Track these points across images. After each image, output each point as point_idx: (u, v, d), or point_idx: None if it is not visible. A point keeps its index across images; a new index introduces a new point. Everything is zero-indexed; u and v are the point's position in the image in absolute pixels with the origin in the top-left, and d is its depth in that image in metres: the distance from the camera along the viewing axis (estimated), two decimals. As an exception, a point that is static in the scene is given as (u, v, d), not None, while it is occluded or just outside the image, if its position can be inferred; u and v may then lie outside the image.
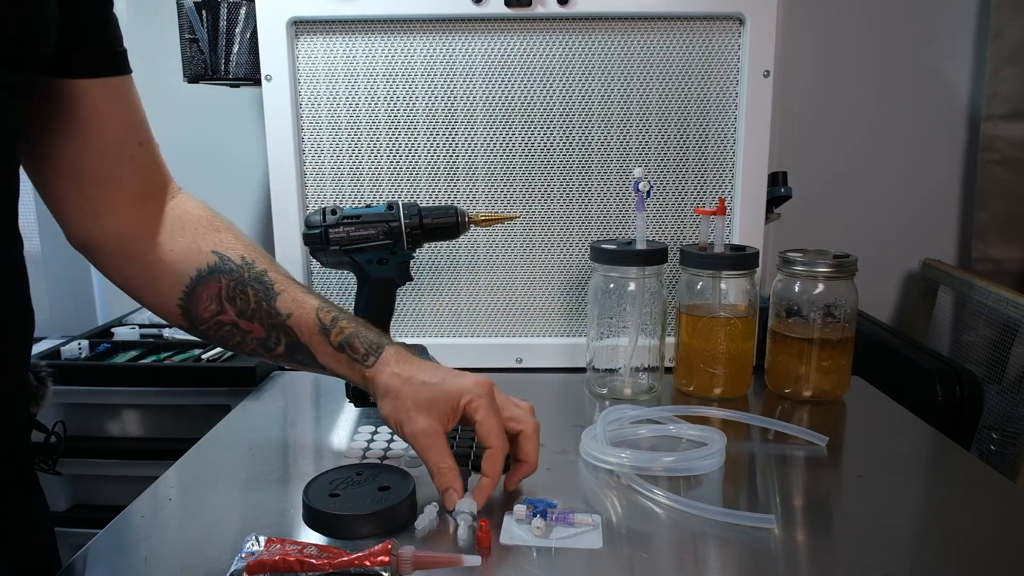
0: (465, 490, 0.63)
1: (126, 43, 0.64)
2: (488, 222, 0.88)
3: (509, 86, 0.99)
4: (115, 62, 0.62)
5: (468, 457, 0.74)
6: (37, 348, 1.11)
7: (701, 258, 0.91)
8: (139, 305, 1.24)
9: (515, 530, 0.61)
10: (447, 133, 1.00)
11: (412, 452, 0.77)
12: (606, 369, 0.94)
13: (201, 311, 0.65)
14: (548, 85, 0.99)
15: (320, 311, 0.66)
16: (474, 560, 0.56)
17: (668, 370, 0.98)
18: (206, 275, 0.65)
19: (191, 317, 0.66)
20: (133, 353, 1.07)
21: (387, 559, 0.54)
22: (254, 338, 0.66)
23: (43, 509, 0.64)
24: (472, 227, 0.87)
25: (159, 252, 0.65)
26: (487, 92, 0.99)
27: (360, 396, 0.90)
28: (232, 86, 1.15)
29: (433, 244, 1.00)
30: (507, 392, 0.93)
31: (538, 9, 0.95)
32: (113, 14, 0.62)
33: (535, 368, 1.04)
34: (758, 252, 0.93)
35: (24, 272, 0.58)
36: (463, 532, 0.60)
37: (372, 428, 0.83)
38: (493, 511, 0.64)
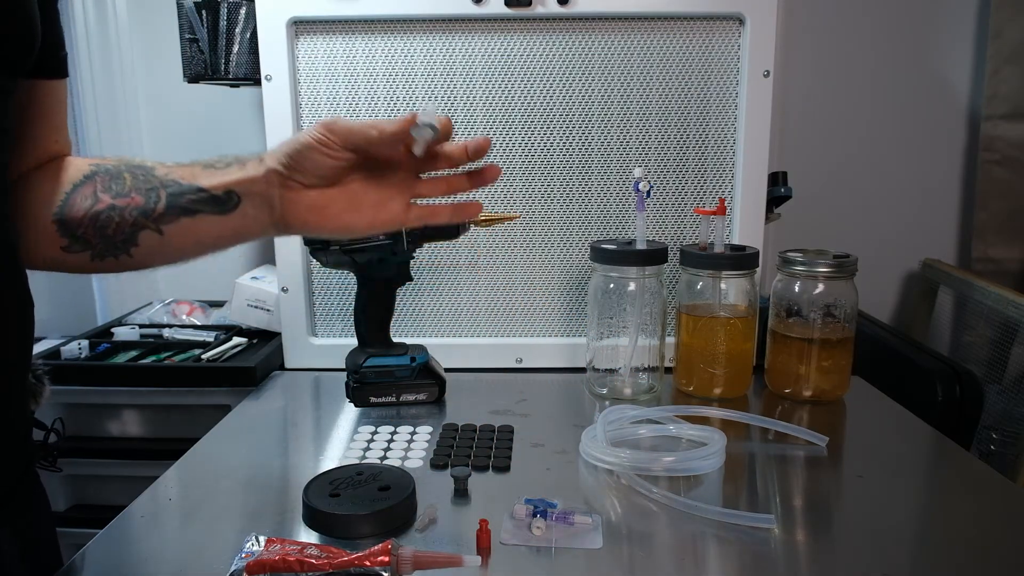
0: None
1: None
2: (488, 222, 0.88)
3: (509, 86, 0.99)
4: (61, 65, 0.62)
5: (468, 457, 0.75)
6: (37, 348, 1.11)
7: (701, 258, 0.91)
8: (139, 305, 1.25)
9: (515, 530, 0.61)
10: (447, 133, 1.00)
11: (412, 453, 0.77)
12: (606, 369, 0.94)
13: (75, 213, 0.60)
14: (548, 85, 0.99)
15: (203, 160, 0.63)
16: (474, 560, 0.56)
17: (668, 370, 0.98)
18: (81, 183, 0.61)
19: (67, 226, 0.61)
20: (133, 353, 1.07)
21: (387, 559, 0.54)
22: (133, 209, 0.60)
23: (46, 508, 0.64)
24: (472, 227, 0.87)
25: (41, 187, 0.62)
26: (487, 92, 0.99)
27: (360, 396, 0.90)
28: (232, 86, 1.15)
29: (433, 244, 1.00)
30: (507, 392, 0.94)
31: (538, 9, 0.95)
32: (59, 19, 0.61)
33: (535, 368, 1.04)
34: (758, 252, 0.93)
35: (22, 269, 0.58)
36: (419, 148, 0.58)
37: (372, 428, 0.84)
38: (493, 511, 0.64)
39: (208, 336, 1.12)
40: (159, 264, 0.64)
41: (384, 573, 0.53)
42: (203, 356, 1.03)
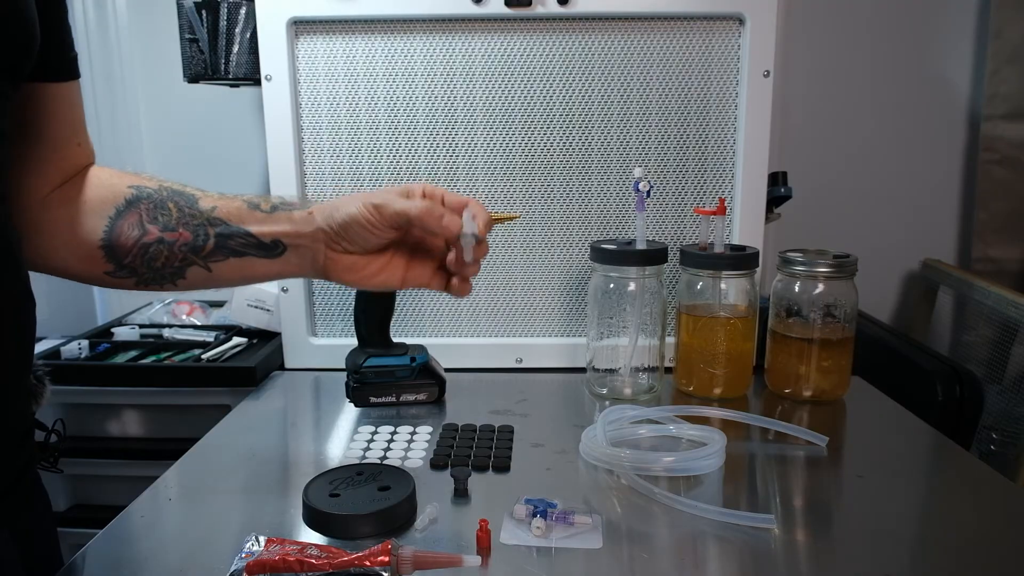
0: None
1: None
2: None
3: (509, 86, 0.99)
4: (71, 66, 0.62)
5: (468, 457, 0.75)
6: (37, 348, 1.10)
7: (701, 258, 0.91)
8: (139, 305, 1.25)
9: (515, 530, 0.61)
10: (447, 133, 1.00)
11: (412, 453, 0.77)
12: (606, 369, 0.94)
13: (124, 242, 0.63)
14: (548, 85, 0.99)
15: (244, 196, 0.66)
16: (474, 560, 0.56)
17: (668, 370, 0.98)
18: (124, 209, 0.63)
19: (115, 254, 0.63)
20: (133, 353, 1.07)
21: (387, 559, 0.54)
22: (182, 244, 0.63)
23: (47, 509, 0.64)
24: (472, 227, 0.87)
25: (78, 205, 0.63)
26: (487, 92, 0.99)
27: (360, 396, 0.90)
28: (232, 86, 1.15)
29: (433, 244, 1.00)
30: (507, 392, 0.94)
31: (538, 9, 0.95)
32: (68, 20, 0.62)
33: (535, 368, 1.04)
34: (758, 252, 0.93)
35: (22, 268, 0.58)
36: (468, 255, 0.65)
37: (372, 428, 0.84)
38: (493, 511, 0.64)
39: (208, 336, 1.12)
40: (203, 289, 0.68)
41: (384, 573, 0.53)
42: (203, 356, 1.03)
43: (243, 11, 1.03)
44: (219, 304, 1.24)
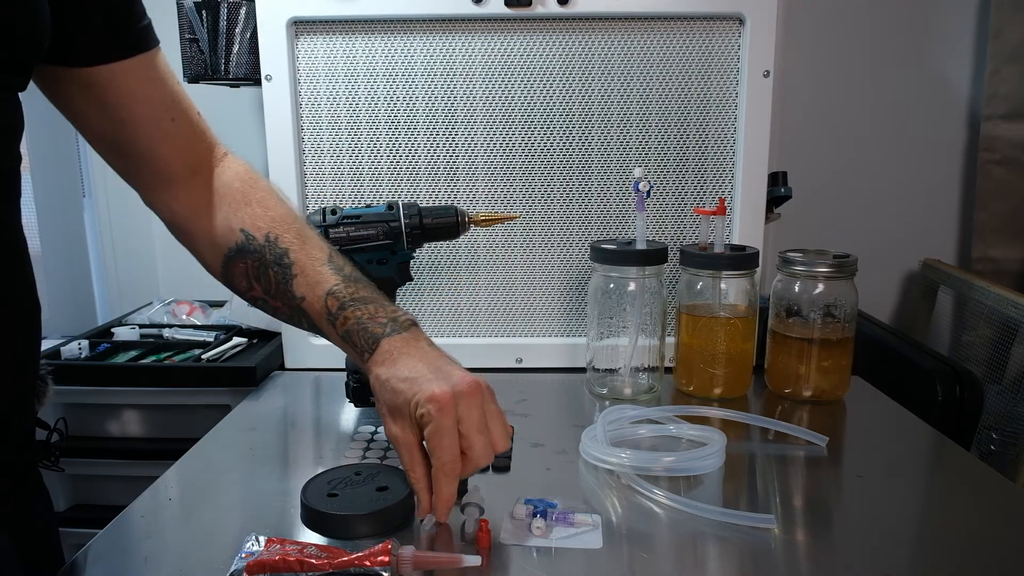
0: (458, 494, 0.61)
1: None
2: (488, 222, 0.88)
3: (509, 86, 0.99)
4: (132, 41, 0.60)
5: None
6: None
7: (701, 258, 0.91)
8: (139, 305, 1.25)
9: (515, 530, 0.61)
10: (447, 133, 1.00)
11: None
12: (606, 369, 0.94)
13: (237, 284, 0.69)
14: (548, 85, 0.99)
15: (329, 297, 0.65)
16: (474, 560, 0.56)
17: (668, 370, 0.98)
18: (235, 254, 0.67)
19: (233, 287, 0.70)
20: (133, 353, 1.07)
21: (387, 559, 0.54)
22: (283, 313, 0.69)
23: (48, 508, 0.64)
24: (472, 227, 0.87)
25: (200, 227, 0.68)
26: (487, 92, 0.99)
27: (360, 396, 0.90)
28: (232, 86, 1.15)
29: (433, 244, 1.00)
30: (507, 392, 0.94)
31: (538, 9, 0.95)
32: None
33: (535, 368, 1.04)
34: (758, 252, 0.93)
35: (30, 272, 0.58)
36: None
37: (372, 428, 0.84)
38: (493, 511, 0.63)
39: (208, 336, 1.12)
40: None
41: (384, 573, 0.53)
42: (203, 356, 1.03)
43: (243, 11, 1.03)
44: (219, 304, 1.24)
